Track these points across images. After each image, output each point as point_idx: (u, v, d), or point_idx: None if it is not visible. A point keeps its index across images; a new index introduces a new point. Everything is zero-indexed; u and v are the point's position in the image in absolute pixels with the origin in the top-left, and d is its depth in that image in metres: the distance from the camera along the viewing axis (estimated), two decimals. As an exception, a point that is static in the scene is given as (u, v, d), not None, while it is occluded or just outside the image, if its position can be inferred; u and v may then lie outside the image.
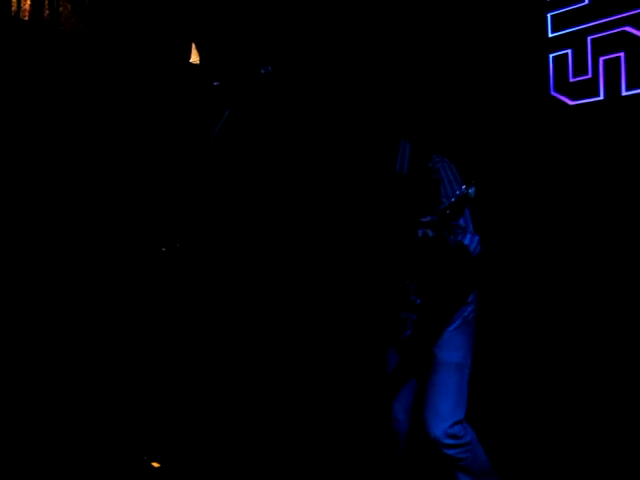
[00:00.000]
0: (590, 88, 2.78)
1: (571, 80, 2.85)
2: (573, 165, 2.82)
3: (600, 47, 2.77)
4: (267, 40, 4.22)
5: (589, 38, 2.81)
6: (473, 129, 3.21)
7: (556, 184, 2.88)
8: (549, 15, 2.96)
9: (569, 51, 2.88)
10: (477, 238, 1.91)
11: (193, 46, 4.57)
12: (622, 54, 2.68)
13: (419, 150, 2.10)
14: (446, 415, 2.01)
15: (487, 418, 2.69)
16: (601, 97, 2.74)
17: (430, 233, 1.67)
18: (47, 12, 3.91)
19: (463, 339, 2.07)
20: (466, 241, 1.83)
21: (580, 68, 2.83)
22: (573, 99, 2.84)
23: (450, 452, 2.02)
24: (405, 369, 2.19)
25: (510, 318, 2.92)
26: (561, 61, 2.90)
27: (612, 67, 2.71)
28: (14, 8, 3.78)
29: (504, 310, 2.88)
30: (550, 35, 2.94)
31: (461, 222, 1.91)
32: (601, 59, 2.76)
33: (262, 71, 1.89)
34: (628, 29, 2.66)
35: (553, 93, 2.91)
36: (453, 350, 2.05)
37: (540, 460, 2.70)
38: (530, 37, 3.01)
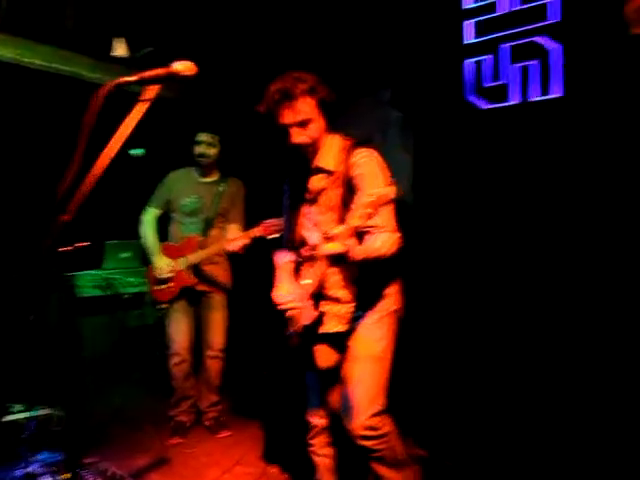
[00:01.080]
0: (503, 93, 2.91)
1: (485, 85, 2.98)
2: (487, 166, 2.95)
3: (514, 55, 2.91)
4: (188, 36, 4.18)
5: (504, 46, 2.94)
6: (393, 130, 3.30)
7: (471, 184, 3.00)
8: (466, 23, 3.08)
9: (484, 58, 3.00)
10: (395, 237, 1.93)
11: (121, 40, 4.43)
12: (534, 62, 2.82)
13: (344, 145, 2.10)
14: (364, 407, 2.01)
15: (413, 409, 2.78)
16: (513, 102, 2.87)
17: (335, 245, 1.69)
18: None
19: (383, 332, 2.08)
20: (378, 243, 1.85)
21: (494, 74, 2.96)
22: (487, 103, 2.97)
23: (367, 444, 2.02)
24: (323, 362, 2.19)
25: (437, 312, 3.01)
26: (476, 67, 3.02)
27: (525, 74, 2.85)
28: None
29: (430, 304, 2.96)
30: (466, 42, 3.07)
31: (378, 221, 1.93)
32: (514, 66, 2.90)
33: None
34: (540, 39, 2.81)
35: (468, 97, 3.02)
36: (372, 342, 2.05)
37: (461, 450, 2.80)
38: (447, 44, 3.12)
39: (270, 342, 3.10)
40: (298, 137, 2.01)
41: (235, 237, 3.16)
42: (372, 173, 1.97)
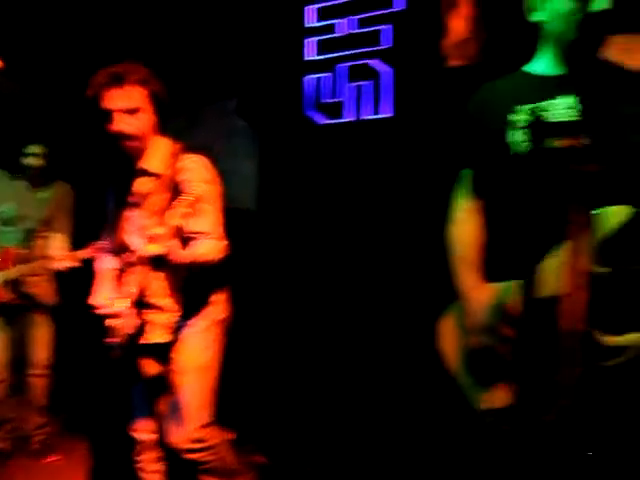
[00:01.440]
0: (339, 110, 3.06)
1: (323, 101, 3.11)
2: (325, 178, 3.06)
3: (351, 74, 3.06)
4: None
5: (341, 66, 3.09)
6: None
7: (310, 195, 3.10)
8: (307, 40, 3.19)
9: (323, 75, 3.13)
10: (221, 244, 1.92)
11: None
12: (367, 83, 3.00)
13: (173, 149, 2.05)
14: (190, 420, 1.96)
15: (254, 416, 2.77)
16: (348, 119, 3.03)
17: (156, 246, 1.65)
18: None
19: (209, 341, 2.04)
20: (203, 249, 1.84)
21: (332, 91, 3.10)
22: (324, 118, 3.10)
23: (194, 457, 1.98)
24: (147, 373, 2.11)
25: (271, 319, 3.05)
26: (316, 83, 3.14)
27: (359, 93, 3.02)
28: None
29: (260, 311, 2.99)
30: (307, 58, 3.18)
31: (205, 227, 1.91)
32: (350, 85, 3.06)
33: None
34: (375, 62, 2.99)
35: (307, 112, 3.13)
36: (198, 353, 2.01)
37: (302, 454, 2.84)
38: (290, 58, 3.21)
39: (97, 356, 2.93)
40: (122, 124, 1.92)
41: (61, 256, 2.93)
42: (199, 178, 1.95)
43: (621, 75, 1.38)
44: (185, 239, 1.88)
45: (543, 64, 1.42)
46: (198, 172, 1.98)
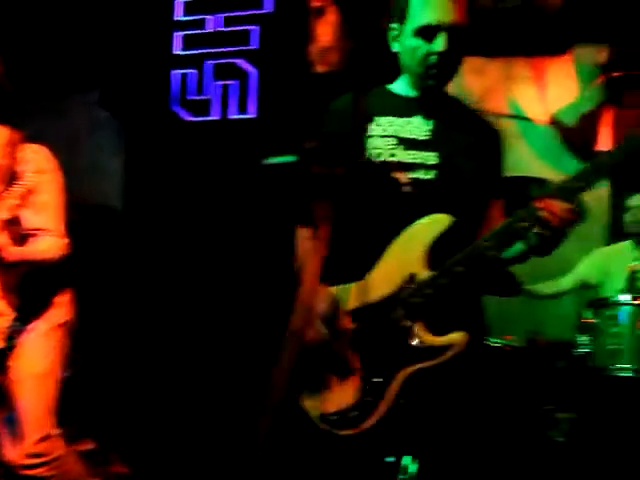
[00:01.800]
0: (206, 108, 3.02)
1: (189, 98, 3.05)
2: (192, 176, 3.01)
3: (217, 73, 3.04)
4: None
5: (209, 63, 3.06)
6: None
7: (176, 191, 3.03)
8: (176, 34, 3.12)
9: (190, 71, 3.08)
10: (62, 242, 1.82)
11: None
12: (234, 82, 2.99)
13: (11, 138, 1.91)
14: (29, 433, 1.84)
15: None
16: (214, 117, 3.00)
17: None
18: None
19: (50, 346, 1.92)
20: (42, 246, 1.74)
21: (199, 88, 3.06)
22: (191, 115, 3.04)
23: (34, 472, 1.85)
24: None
25: (124, 321, 2.94)
26: (183, 79, 3.08)
27: (226, 92, 3.00)
28: None
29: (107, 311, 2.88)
30: (175, 52, 3.10)
31: (45, 223, 1.80)
32: (217, 84, 3.03)
33: None
34: (241, 62, 2.99)
35: (174, 107, 3.06)
36: (37, 359, 1.88)
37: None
38: (158, 51, 3.12)
39: None
40: None
41: None
42: (36, 169, 1.83)
43: (461, 109, 1.52)
44: (24, 236, 1.77)
45: (401, 86, 1.51)
46: (36, 163, 1.86)
